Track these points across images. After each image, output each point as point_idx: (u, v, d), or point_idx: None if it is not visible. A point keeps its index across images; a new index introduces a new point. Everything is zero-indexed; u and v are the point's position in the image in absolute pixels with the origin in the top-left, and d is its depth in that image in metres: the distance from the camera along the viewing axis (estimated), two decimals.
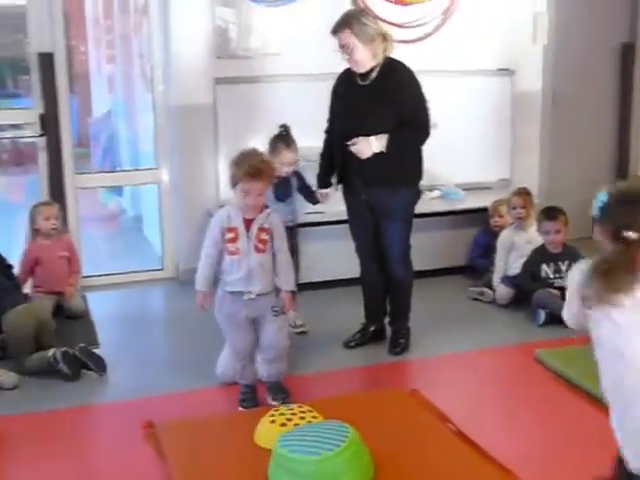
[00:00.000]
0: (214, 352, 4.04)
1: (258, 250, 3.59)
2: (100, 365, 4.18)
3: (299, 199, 4.62)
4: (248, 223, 3.57)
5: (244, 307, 3.63)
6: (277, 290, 3.70)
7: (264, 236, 3.59)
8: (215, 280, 3.71)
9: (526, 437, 3.49)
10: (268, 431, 3.27)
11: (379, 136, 4.09)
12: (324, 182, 4.49)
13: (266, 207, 3.64)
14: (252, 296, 3.59)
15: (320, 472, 2.90)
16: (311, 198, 4.61)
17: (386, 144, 4.09)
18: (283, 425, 3.26)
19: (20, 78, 10.52)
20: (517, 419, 3.70)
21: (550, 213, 5.07)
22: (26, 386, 4.05)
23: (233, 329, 3.70)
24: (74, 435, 3.61)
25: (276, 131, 4.49)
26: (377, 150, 4.10)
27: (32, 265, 5.07)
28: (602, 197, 2.20)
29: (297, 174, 4.59)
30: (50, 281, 5.06)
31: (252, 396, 3.78)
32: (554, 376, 4.05)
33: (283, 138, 4.45)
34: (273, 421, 3.31)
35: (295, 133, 4.54)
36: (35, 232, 5.09)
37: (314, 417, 3.31)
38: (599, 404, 3.62)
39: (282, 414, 3.34)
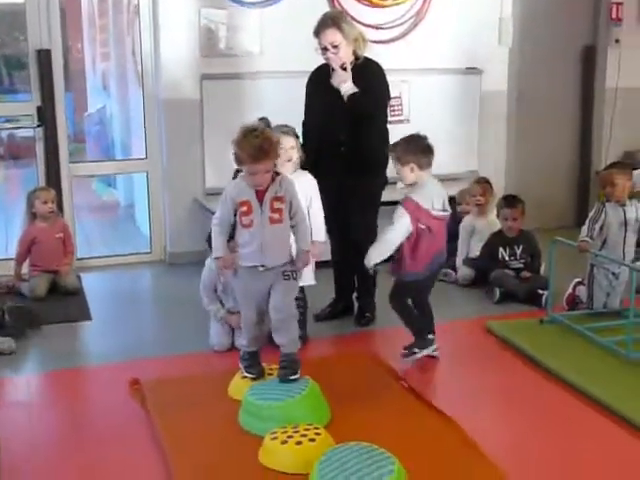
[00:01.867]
0: (200, 324, 4.42)
1: (273, 221, 3.51)
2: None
3: None
4: (260, 194, 3.49)
5: (259, 279, 3.58)
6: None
7: (278, 205, 3.52)
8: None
9: (470, 389, 3.94)
10: (240, 385, 3.71)
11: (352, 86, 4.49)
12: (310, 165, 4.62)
13: (276, 174, 3.55)
14: (267, 268, 3.55)
15: (281, 415, 3.33)
16: None
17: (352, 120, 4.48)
18: (253, 379, 3.70)
19: (16, 74, 10.94)
20: (464, 378, 4.14)
21: (509, 201, 5.50)
22: (23, 351, 4.46)
23: (246, 300, 3.67)
24: (70, 393, 4.03)
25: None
26: (345, 90, 4.48)
27: (29, 246, 5.48)
28: None
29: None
30: (46, 260, 5.46)
31: (256, 361, 3.76)
32: (499, 342, 4.52)
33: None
34: (245, 377, 3.75)
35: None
36: (32, 215, 5.50)
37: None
38: (532, 364, 4.14)
39: None
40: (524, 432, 3.52)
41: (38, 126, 5.85)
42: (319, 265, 4.46)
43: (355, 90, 4.50)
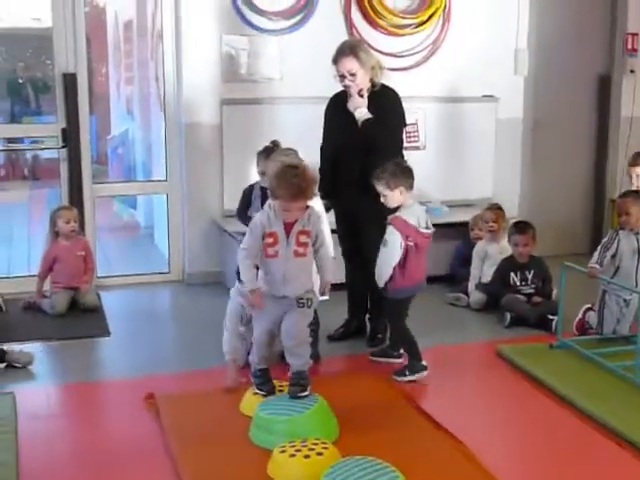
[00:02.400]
0: (215, 342, 4.47)
1: (297, 255, 3.59)
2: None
3: None
4: (288, 227, 3.57)
5: (275, 304, 3.68)
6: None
7: (304, 239, 3.59)
8: None
9: (480, 411, 4.01)
10: (252, 401, 3.80)
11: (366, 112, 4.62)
12: (324, 193, 4.70)
13: (306, 207, 3.63)
14: (288, 298, 3.65)
15: (290, 430, 3.42)
16: None
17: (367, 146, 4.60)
18: (264, 396, 3.79)
19: (42, 96, 11.21)
20: (473, 400, 4.22)
21: (520, 227, 5.58)
22: (42, 364, 4.58)
23: (259, 321, 3.75)
24: (87, 405, 4.16)
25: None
26: (359, 115, 4.60)
27: (51, 263, 5.62)
28: None
29: None
30: (67, 277, 5.59)
31: (267, 379, 3.83)
32: (509, 366, 4.58)
33: (270, 151, 4.63)
34: (256, 393, 3.85)
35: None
36: (55, 234, 5.64)
37: None
38: (541, 387, 4.21)
39: None
40: (531, 455, 3.59)
41: (62, 147, 6.01)
42: (334, 287, 4.54)
43: (369, 116, 4.62)
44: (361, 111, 4.64)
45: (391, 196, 4.30)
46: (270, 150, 4.56)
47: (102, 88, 10.85)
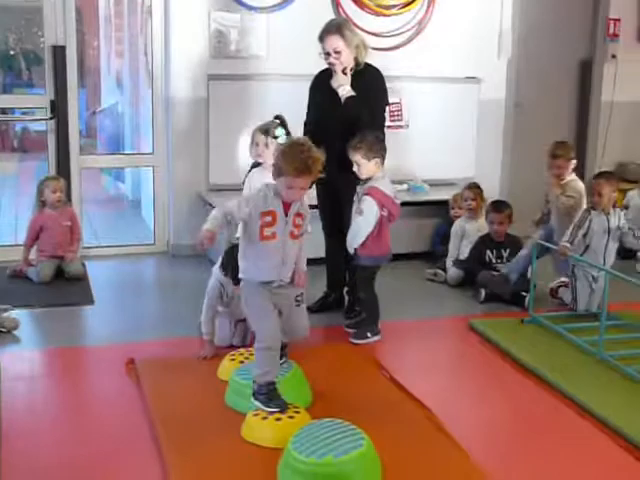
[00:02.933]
0: (197, 311, 4.55)
1: (293, 236, 3.48)
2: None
3: None
4: (286, 207, 3.43)
5: (272, 296, 3.48)
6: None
7: (299, 221, 3.50)
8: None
9: (450, 381, 4.18)
10: (227, 367, 3.93)
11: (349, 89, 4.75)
12: None
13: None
14: (283, 283, 3.50)
15: None
16: None
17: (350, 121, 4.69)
18: (241, 362, 3.93)
19: (34, 68, 11.25)
20: (444, 369, 4.39)
21: (497, 206, 5.72)
22: (27, 329, 4.72)
23: (264, 320, 3.47)
24: (69, 369, 4.27)
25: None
26: (342, 92, 4.74)
27: (38, 232, 5.72)
28: None
29: None
30: (53, 246, 5.70)
31: (277, 392, 3.45)
32: (482, 339, 4.74)
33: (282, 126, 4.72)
34: (232, 359, 3.98)
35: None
36: (42, 203, 5.74)
37: None
38: (508, 358, 4.36)
39: (241, 354, 4.02)
40: (497, 424, 3.76)
41: (51, 118, 6.10)
42: (314, 262, 4.65)
43: (352, 94, 4.73)
44: (344, 88, 4.76)
45: (365, 166, 4.48)
46: (272, 126, 4.65)
47: (93, 61, 10.90)
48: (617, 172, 7.36)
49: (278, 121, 4.73)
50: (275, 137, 4.57)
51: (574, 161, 5.43)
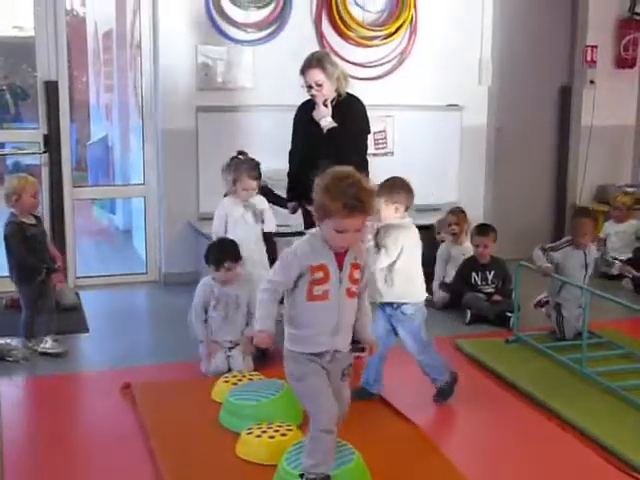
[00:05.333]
0: (190, 337, 4.70)
1: (350, 294, 2.88)
2: None
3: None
4: (340, 258, 2.85)
5: (323, 368, 2.93)
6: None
7: (357, 275, 2.91)
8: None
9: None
10: (221, 388, 4.06)
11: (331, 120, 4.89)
12: (291, 196, 5.18)
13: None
14: (337, 355, 2.93)
15: (257, 414, 3.68)
16: (281, 202, 5.37)
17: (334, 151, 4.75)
18: (234, 384, 4.05)
19: (22, 103, 11.36)
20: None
21: (481, 229, 5.87)
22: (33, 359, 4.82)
23: (319, 399, 2.92)
24: (67, 395, 4.39)
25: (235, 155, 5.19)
26: (324, 123, 4.88)
27: None
28: None
29: (265, 188, 5.40)
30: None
31: None
32: (467, 358, 4.88)
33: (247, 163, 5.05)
34: (226, 381, 4.10)
35: (265, 156, 5.29)
36: None
37: (260, 379, 4.10)
38: (494, 376, 4.50)
39: (234, 376, 4.15)
40: (479, 433, 3.93)
41: (44, 152, 6.25)
42: None
43: (334, 125, 4.89)
44: (326, 120, 4.92)
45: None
46: (237, 161, 4.97)
47: (82, 95, 11.04)
48: (597, 195, 7.60)
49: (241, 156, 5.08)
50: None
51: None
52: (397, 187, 4.02)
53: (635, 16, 7.47)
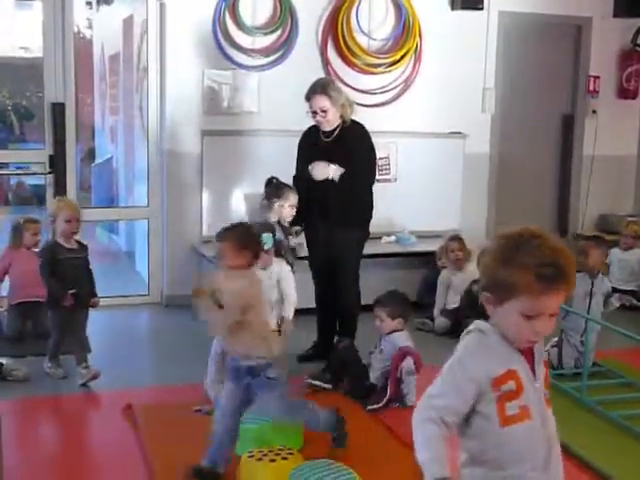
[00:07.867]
0: (191, 359, 4.73)
1: (548, 402, 2.10)
2: None
3: None
4: (528, 356, 2.06)
5: None
6: None
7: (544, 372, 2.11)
8: None
9: None
10: None
11: (336, 167, 4.92)
12: (295, 220, 5.13)
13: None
14: None
15: (258, 438, 3.70)
16: (285, 230, 5.38)
17: (339, 177, 4.90)
18: None
19: (27, 124, 11.47)
20: None
21: None
22: (35, 377, 4.83)
23: None
24: (68, 415, 4.42)
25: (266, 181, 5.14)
26: (332, 176, 4.92)
27: (6, 268, 5.60)
28: None
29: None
30: (23, 285, 5.52)
31: None
32: None
33: (282, 185, 5.04)
34: None
35: None
36: (18, 242, 5.64)
37: None
38: None
39: None
40: None
41: (49, 173, 6.29)
42: (305, 312, 4.91)
43: (341, 170, 4.93)
44: (333, 169, 4.94)
45: (388, 323, 4.58)
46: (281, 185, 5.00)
47: (87, 117, 11.13)
48: (598, 224, 7.64)
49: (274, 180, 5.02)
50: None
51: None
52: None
53: (637, 48, 7.56)
